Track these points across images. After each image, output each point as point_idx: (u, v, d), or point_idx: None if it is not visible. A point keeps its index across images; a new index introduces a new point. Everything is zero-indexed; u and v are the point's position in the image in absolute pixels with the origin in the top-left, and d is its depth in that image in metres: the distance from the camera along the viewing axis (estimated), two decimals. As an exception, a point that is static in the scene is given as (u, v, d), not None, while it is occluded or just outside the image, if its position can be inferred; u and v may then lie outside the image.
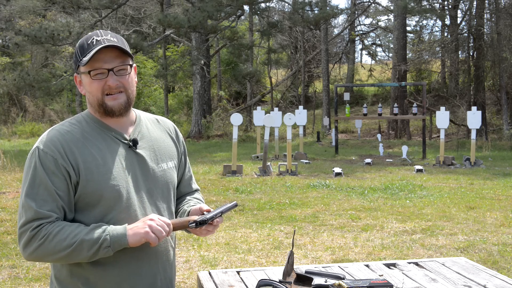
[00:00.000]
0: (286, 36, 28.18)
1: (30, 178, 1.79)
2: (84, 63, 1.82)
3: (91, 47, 1.83)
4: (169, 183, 2.01)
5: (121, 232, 1.78)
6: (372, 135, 22.97)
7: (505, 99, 20.05)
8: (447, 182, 10.22)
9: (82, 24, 19.16)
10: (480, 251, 5.68)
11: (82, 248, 1.75)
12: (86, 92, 1.89)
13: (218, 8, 17.67)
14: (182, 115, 24.70)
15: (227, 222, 7.01)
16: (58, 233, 1.75)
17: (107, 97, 1.86)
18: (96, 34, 1.87)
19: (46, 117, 24.76)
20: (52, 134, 1.84)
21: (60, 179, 1.78)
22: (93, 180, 1.81)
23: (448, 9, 23.09)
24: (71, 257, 1.77)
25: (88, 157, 1.82)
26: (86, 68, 1.84)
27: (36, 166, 1.79)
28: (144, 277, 1.91)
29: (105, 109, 1.87)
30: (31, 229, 1.75)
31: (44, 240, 1.74)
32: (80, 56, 1.85)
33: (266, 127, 11.71)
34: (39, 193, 1.77)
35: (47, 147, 1.80)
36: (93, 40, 1.84)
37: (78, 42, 1.90)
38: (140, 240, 1.79)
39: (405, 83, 17.63)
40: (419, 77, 26.23)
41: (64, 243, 1.74)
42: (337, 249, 5.79)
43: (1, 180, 10.31)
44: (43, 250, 1.76)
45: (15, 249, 5.80)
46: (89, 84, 1.86)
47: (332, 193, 9.12)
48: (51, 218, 1.77)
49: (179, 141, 2.12)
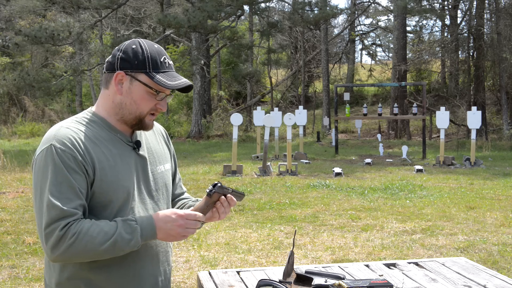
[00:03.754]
0: (286, 36, 28.19)
1: (52, 176, 1.73)
2: (165, 86, 1.81)
3: (164, 67, 1.84)
4: (167, 185, 2.03)
5: (150, 234, 1.79)
6: (372, 135, 22.97)
7: (505, 99, 20.05)
8: (447, 182, 10.22)
9: (82, 24, 19.16)
10: (480, 251, 5.68)
11: (114, 248, 1.74)
12: (126, 97, 1.85)
13: (218, 8, 17.68)
14: (182, 115, 24.70)
15: (227, 222, 7.01)
16: (88, 231, 1.71)
17: (149, 115, 1.87)
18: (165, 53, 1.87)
19: (46, 117, 24.76)
20: (65, 131, 1.79)
21: (81, 176, 1.75)
22: (107, 181, 1.79)
23: (448, 9, 23.09)
24: (102, 256, 1.76)
25: (101, 157, 1.80)
26: (154, 85, 1.82)
27: (56, 163, 1.73)
28: (147, 278, 1.91)
29: (140, 124, 1.88)
30: (59, 229, 1.70)
31: (75, 239, 1.70)
32: (150, 67, 1.82)
33: (266, 127, 11.71)
34: (62, 191, 1.72)
35: (63, 145, 1.75)
36: (165, 61, 1.85)
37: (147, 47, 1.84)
38: (170, 240, 1.85)
39: (405, 83, 17.64)
40: (419, 77, 26.23)
41: (95, 241, 1.71)
42: (337, 249, 5.79)
43: (1, 180, 10.31)
44: (74, 249, 1.71)
45: (15, 249, 5.80)
46: (141, 97, 1.84)
47: (332, 193, 9.12)
48: (77, 215, 1.73)
49: (170, 144, 2.16)
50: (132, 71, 1.82)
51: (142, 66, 1.81)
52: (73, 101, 28.24)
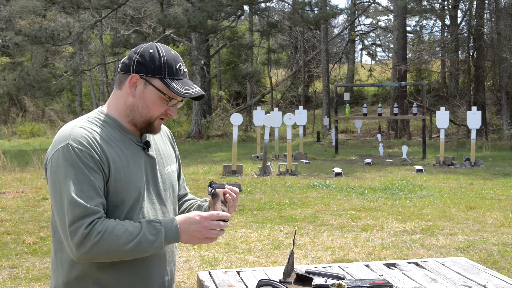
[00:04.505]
0: (286, 36, 28.19)
1: (72, 175, 1.73)
2: (178, 94, 1.81)
3: (179, 75, 1.84)
4: (174, 186, 2.05)
5: (174, 237, 1.80)
6: (372, 135, 22.97)
7: (505, 99, 20.05)
8: (447, 182, 10.22)
9: (82, 24, 19.16)
10: (480, 251, 5.68)
11: (139, 248, 1.74)
12: (139, 100, 1.86)
13: (218, 8, 17.68)
14: (182, 115, 24.70)
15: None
16: (113, 230, 1.72)
17: (159, 120, 1.89)
18: (180, 59, 1.87)
19: (46, 117, 24.76)
20: (80, 131, 1.79)
21: (99, 175, 1.76)
22: (120, 180, 1.80)
23: (448, 9, 23.10)
24: (126, 256, 1.76)
25: (115, 157, 1.81)
26: (168, 92, 1.83)
27: (75, 162, 1.73)
28: (155, 278, 1.92)
29: (149, 128, 1.89)
30: (84, 227, 1.69)
31: (100, 237, 1.70)
32: (166, 73, 1.82)
33: (266, 127, 11.71)
34: (84, 189, 1.72)
35: (80, 144, 1.76)
36: (181, 69, 1.86)
37: (164, 53, 1.84)
38: (194, 243, 1.86)
39: (405, 83, 17.64)
40: (419, 77, 26.23)
41: (121, 240, 1.72)
42: (337, 249, 5.79)
43: (1, 180, 10.31)
44: (99, 248, 1.71)
45: (15, 249, 5.80)
46: (153, 101, 1.85)
47: (332, 193, 9.12)
48: (100, 213, 1.73)
49: (175, 145, 2.17)
50: (148, 76, 1.82)
51: (158, 72, 1.82)
52: (73, 101, 28.24)
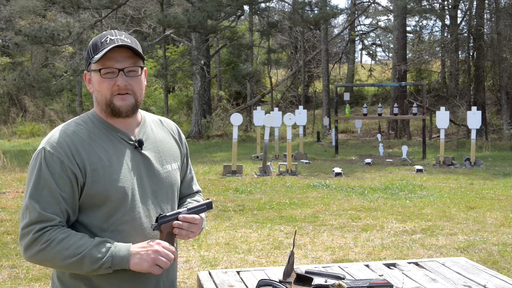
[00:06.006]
0: (286, 36, 28.17)
1: (35, 179, 1.78)
2: (96, 60, 1.81)
3: (104, 45, 1.82)
4: (173, 185, 2.01)
5: (124, 255, 1.77)
6: (372, 135, 22.97)
7: (505, 99, 20.05)
8: (447, 182, 10.22)
9: (82, 24, 19.15)
10: (480, 251, 5.68)
11: (83, 263, 1.75)
12: (94, 91, 1.88)
13: (218, 8, 17.67)
14: (182, 115, 24.70)
15: (227, 222, 7.02)
16: (61, 241, 1.74)
17: (115, 97, 1.85)
18: (110, 33, 1.86)
19: (46, 117, 24.75)
20: (58, 135, 1.83)
21: (65, 181, 1.77)
22: (99, 182, 1.80)
23: (448, 9, 23.09)
24: (70, 268, 1.78)
25: (95, 159, 1.81)
26: (97, 66, 1.83)
27: (42, 167, 1.78)
28: (148, 279, 1.91)
29: (112, 109, 1.86)
30: (34, 232, 1.74)
31: (47, 245, 1.73)
32: (92, 54, 1.85)
33: (266, 127, 11.71)
34: (42, 195, 1.76)
35: (53, 149, 1.79)
36: (107, 39, 1.84)
37: (91, 40, 1.89)
38: (142, 270, 1.79)
39: (405, 83, 17.63)
40: (419, 77, 26.22)
41: (66, 252, 1.73)
42: (337, 249, 5.79)
43: (1, 180, 10.31)
44: (44, 255, 1.75)
45: (15, 249, 5.80)
46: (98, 83, 1.85)
47: (332, 193, 9.12)
48: (54, 221, 1.76)
49: (182, 142, 2.12)
50: (87, 67, 1.89)
51: (88, 57, 1.87)
52: (73, 101, 28.21)
